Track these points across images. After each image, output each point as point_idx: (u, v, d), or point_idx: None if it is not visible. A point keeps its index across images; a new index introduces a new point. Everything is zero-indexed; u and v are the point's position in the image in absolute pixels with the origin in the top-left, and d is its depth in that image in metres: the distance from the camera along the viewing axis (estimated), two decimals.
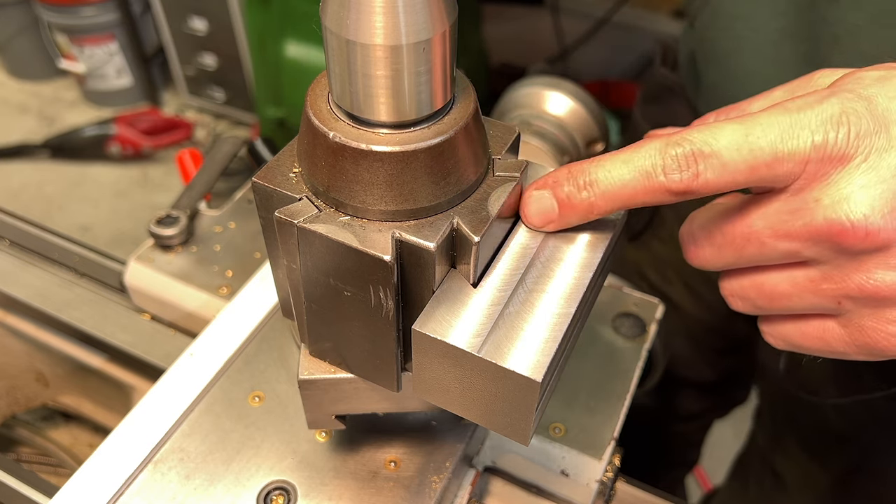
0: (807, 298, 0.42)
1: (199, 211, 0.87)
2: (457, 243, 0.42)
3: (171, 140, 2.85)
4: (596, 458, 0.62)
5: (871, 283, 0.39)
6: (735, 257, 0.43)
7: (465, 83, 0.43)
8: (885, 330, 0.40)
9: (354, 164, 0.39)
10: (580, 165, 0.42)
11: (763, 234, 0.41)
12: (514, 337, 0.40)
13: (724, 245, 0.43)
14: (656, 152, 0.39)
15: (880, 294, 0.39)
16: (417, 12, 0.35)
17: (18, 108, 3.18)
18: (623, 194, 0.40)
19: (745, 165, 0.38)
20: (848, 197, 0.37)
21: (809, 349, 0.45)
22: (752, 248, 0.42)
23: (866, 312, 0.40)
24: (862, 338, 0.41)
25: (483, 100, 0.45)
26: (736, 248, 0.43)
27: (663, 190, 0.40)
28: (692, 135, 0.39)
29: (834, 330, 0.43)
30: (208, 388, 0.62)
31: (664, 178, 0.39)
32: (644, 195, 0.40)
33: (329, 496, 0.55)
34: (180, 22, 2.77)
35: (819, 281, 0.41)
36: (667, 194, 0.40)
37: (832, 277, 0.40)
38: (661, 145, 0.39)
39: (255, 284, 0.72)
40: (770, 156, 0.38)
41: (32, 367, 0.94)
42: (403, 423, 0.59)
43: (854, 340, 0.42)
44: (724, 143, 0.38)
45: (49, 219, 2.63)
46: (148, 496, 0.55)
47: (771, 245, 0.41)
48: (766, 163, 0.38)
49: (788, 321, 0.45)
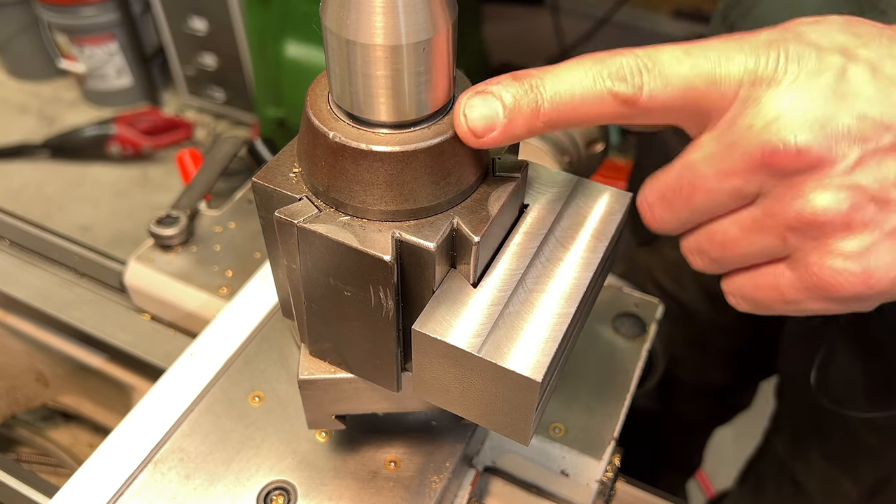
0: (754, 240, 0.41)
1: (199, 211, 0.87)
2: (457, 243, 0.42)
3: (171, 140, 2.85)
4: (596, 458, 0.62)
5: (808, 208, 0.38)
6: (688, 211, 0.43)
7: (465, 83, 0.43)
8: (829, 265, 0.39)
9: (354, 164, 0.39)
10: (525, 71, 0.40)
11: (708, 178, 0.40)
12: (514, 337, 0.40)
13: (675, 199, 0.43)
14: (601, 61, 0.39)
15: (818, 220, 0.38)
16: (417, 12, 0.35)
17: (18, 108, 3.17)
18: (571, 101, 0.39)
19: (684, 82, 0.38)
20: (778, 117, 0.37)
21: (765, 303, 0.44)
22: (700, 196, 0.41)
23: (810, 247, 0.39)
24: (810, 278, 0.40)
25: None
26: (686, 198, 0.42)
27: (610, 96, 0.38)
28: (636, 49, 0.39)
29: (785, 275, 0.42)
30: (208, 388, 0.62)
31: (611, 84, 0.38)
32: (591, 103, 0.39)
33: (329, 496, 0.55)
34: (180, 22, 2.77)
35: (762, 218, 0.40)
36: (613, 102, 0.39)
37: (772, 211, 0.39)
38: (607, 55, 0.39)
39: (255, 284, 0.72)
40: (708, 73, 0.38)
41: (32, 367, 0.94)
42: (403, 423, 0.59)
43: (804, 283, 0.40)
44: (666, 58, 0.38)
45: (49, 219, 2.63)
46: (148, 496, 0.55)
47: (717, 187, 0.40)
48: (704, 81, 0.38)
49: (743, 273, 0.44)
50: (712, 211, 0.42)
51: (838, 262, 0.38)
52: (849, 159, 0.37)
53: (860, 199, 0.37)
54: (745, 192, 0.40)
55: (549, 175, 0.49)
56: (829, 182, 0.37)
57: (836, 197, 0.37)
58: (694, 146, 0.41)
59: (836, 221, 0.38)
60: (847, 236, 0.38)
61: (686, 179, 0.41)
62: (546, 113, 0.39)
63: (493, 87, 0.39)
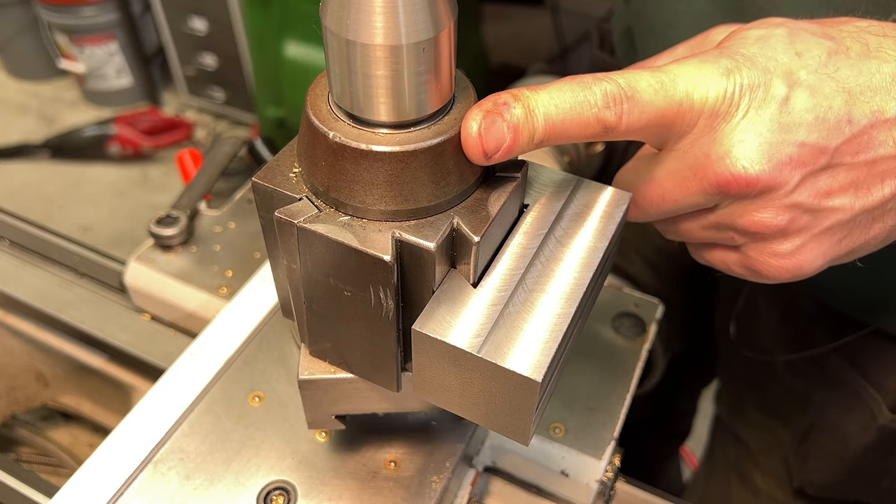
0: (709, 234, 0.49)
1: (199, 211, 0.87)
2: (457, 243, 0.42)
3: (171, 140, 2.85)
4: (596, 458, 0.62)
5: (754, 222, 0.45)
6: (658, 214, 0.50)
7: (465, 83, 0.43)
8: (767, 261, 0.47)
9: (354, 164, 0.39)
10: (521, 91, 0.43)
11: (674, 193, 0.47)
12: (514, 337, 0.40)
13: (647, 206, 0.50)
14: (588, 88, 0.42)
15: (760, 231, 0.45)
16: (417, 12, 0.35)
17: (18, 108, 3.17)
18: (562, 122, 0.42)
19: (657, 111, 0.43)
20: (729, 152, 0.43)
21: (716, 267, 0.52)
22: (667, 206, 0.48)
23: (752, 245, 0.47)
24: (750, 264, 0.48)
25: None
26: (656, 207, 0.49)
27: (595, 120, 0.42)
28: (616, 76, 0.43)
29: (731, 257, 0.50)
30: (208, 388, 0.62)
31: (597, 111, 0.42)
32: (577, 127, 0.43)
33: (329, 496, 0.55)
34: (180, 22, 2.77)
35: (715, 221, 0.48)
36: (598, 127, 0.43)
37: (725, 220, 0.47)
38: (591, 80, 0.43)
39: (255, 284, 0.72)
40: (677, 104, 0.43)
41: (32, 367, 0.94)
42: (403, 423, 0.59)
43: (744, 265, 0.49)
44: (643, 87, 0.43)
45: (49, 219, 2.63)
46: (148, 496, 0.55)
47: (682, 201, 0.47)
48: (673, 111, 0.43)
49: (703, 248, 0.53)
50: (678, 213, 0.50)
51: (774, 259, 0.47)
52: (790, 184, 0.43)
53: (797, 213, 0.44)
54: (704, 205, 0.47)
55: (549, 175, 0.49)
56: (773, 203, 0.44)
57: (777, 214, 0.44)
58: (658, 162, 0.48)
59: (776, 231, 0.45)
60: (783, 241, 0.46)
61: (656, 192, 0.48)
62: (539, 136, 0.43)
63: (502, 108, 0.42)
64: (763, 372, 0.96)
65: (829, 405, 0.86)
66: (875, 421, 0.80)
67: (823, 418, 0.87)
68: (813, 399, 0.88)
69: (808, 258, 0.46)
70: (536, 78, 0.97)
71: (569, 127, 0.43)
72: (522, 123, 0.42)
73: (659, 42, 0.77)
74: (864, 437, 0.83)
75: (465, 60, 2.34)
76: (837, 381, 0.84)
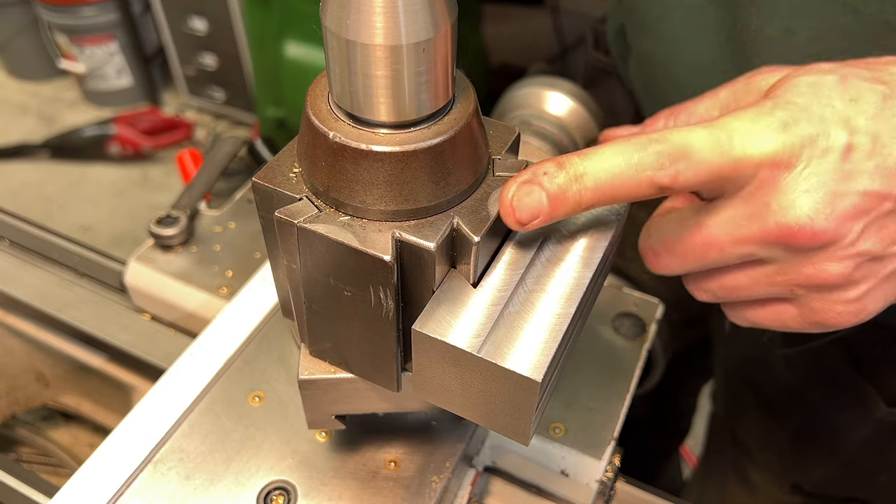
0: (763, 289, 0.47)
1: (199, 211, 0.87)
2: (457, 243, 0.42)
3: (171, 140, 2.85)
4: (596, 458, 0.62)
5: (820, 273, 0.44)
6: (698, 264, 0.48)
7: (465, 83, 0.43)
8: (832, 309, 0.46)
9: (354, 164, 0.39)
10: (569, 158, 0.43)
11: (722, 241, 0.45)
12: (514, 337, 0.40)
13: (687, 254, 0.47)
14: (642, 149, 0.42)
15: (828, 282, 0.44)
16: (417, 12, 0.35)
17: (18, 108, 3.17)
18: (612, 187, 0.42)
19: (711, 168, 0.42)
20: (794, 202, 0.42)
21: (767, 326, 0.50)
22: (712, 255, 0.46)
23: (816, 296, 0.46)
24: (813, 317, 0.47)
25: (483, 100, 0.45)
26: (698, 256, 0.47)
27: (649, 184, 0.42)
28: (671, 136, 0.42)
29: (788, 311, 0.48)
30: (208, 388, 0.62)
31: (651, 174, 0.42)
32: (628, 190, 0.42)
33: (329, 496, 0.55)
34: (180, 22, 2.77)
35: (774, 275, 0.46)
36: (650, 189, 0.42)
37: (785, 272, 0.45)
38: (645, 142, 0.42)
39: (255, 284, 0.72)
40: (733, 160, 0.42)
41: (32, 367, 0.94)
42: (403, 423, 0.59)
43: (806, 319, 0.47)
44: (698, 146, 0.42)
45: (49, 219, 2.63)
46: (148, 496, 0.55)
47: (730, 250, 0.45)
48: (730, 166, 0.42)
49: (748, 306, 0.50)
50: (721, 265, 0.47)
51: (840, 307, 0.45)
52: (854, 233, 0.42)
53: (862, 261, 0.43)
54: (756, 256, 0.45)
55: None
56: (838, 254, 0.43)
57: (843, 265, 0.43)
58: (710, 211, 0.46)
59: (842, 281, 0.44)
60: (850, 288, 0.44)
61: (700, 240, 0.46)
62: (587, 201, 0.42)
63: (541, 178, 0.42)
64: (759, 368, 0.96)
65: (826, 400, 0.86)
66: (871, 415, 0.80)
67: (820, 413, 0.87)
68: (809, 394, 0.88)
69: (872, 302, 0.45)
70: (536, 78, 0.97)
71: (620, 190, 0.42)
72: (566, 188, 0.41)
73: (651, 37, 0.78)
74: (860, 432, 0.83)
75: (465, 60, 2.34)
76: (833, 376, 0.84)
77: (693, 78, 0.72)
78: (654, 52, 0.78)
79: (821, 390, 0.86)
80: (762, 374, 0.96)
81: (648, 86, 0.82)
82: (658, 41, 0.76)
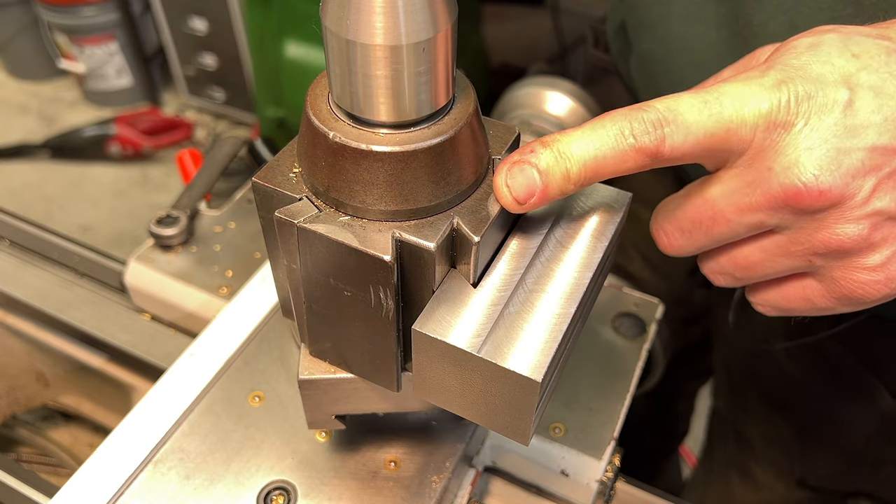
0: (780, 262, 0.44)
1: (199, 211, 0.87)
2: (457, 243, 0.42)
3: (171, 140, 2.85)
4: (596, 458, 0.62)
5: (834, 237, 0.41)
6: (706, 239, 0.46)
7: (465, 83, 0.43)
8: (856, 278, 0.43)
9: (354, 164, 0.39)
10: (552, 136, 0.42)
11: (727, 212, 0.43)
12: (514, 337, 0.40)
13: (693, 230, 0.46)
14: (623, 118, 0.41)
15: (844, 246, 0.41)
16: (417, 12, 0.35)
17: (18, 108, 3.17)
18: (597, 159, 0.41)
19: (703, 131, 0.40)
20: (797, 161, 0.40)
21: (797, 310, 0.47)
22: (720, 228, 0.44)
23: (836, 265, 0.43)
24: (838, 289, 0.44)
25: (483, 100, 0.45)
26: (705, 230, 0.45)
27: (633, 151, 0.41)
28: (655, 103, 0.41)
29: (813, 286, 0.45)
30: (208, 388, 0.62)
31: (633, 140, 0.40)
32: (615, 160, 0.41)
33: (329, 496, 0.55)
34: (180, 22, 2.77)
35: (787, 245, 0.43)
36: (636, 156, 0.41)
37: (798, 239, 0.43)
38: (627, 111, 0.41)
39: (255, 284, 0.72)
40: (726, 121, 0.40)
41: (32, 367, 0.94)
42: (403, 423, 0.59)
43: (832, 293, 0.44)
44: (684, 108, 0.41)
45: (49, 219, 2.63)
46: (148, 496, 0.55)
47: (736, 221, 0.43)
48: (722, 129, 0.40)
49: (771, 287, 0.48)
50: (731, 239, 0.45)
51: (863, 275, 0.42)
52: (865, 190, 0.40)
53: (879, 220, 0.41)
54: (765, 225, 0.43)
55: None
56: (850, 214, 0.40)
57: (857, 226, 0.41)
58: (712, 182, 0.44)
59: (860, 244, 0.41)
60: (869, 253, 0.42)
61: (706, 213, 0.44)
62: (575, 175, 0.42)
63: (528, 155, 0.41)
64: (762, 362, 0.96)
65: (830, 393, 0.86)
66: (876, 407, 0.80)
67: (824, 407, 0.87)
68: (813, 388, 0.87)
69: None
70: (536, 78, 0.97)
71: (607, 161, 0.41)
72: (553, 165, 0.41)
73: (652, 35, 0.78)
74: (865, 424, 0.82)
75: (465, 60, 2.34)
76: (837, 369, 0.83)
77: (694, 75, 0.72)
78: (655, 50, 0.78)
79: (825, 384, 0.85)
80: (765, 369, 0.96)
81: (649, 84, 0.81)
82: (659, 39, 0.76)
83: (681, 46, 0.73)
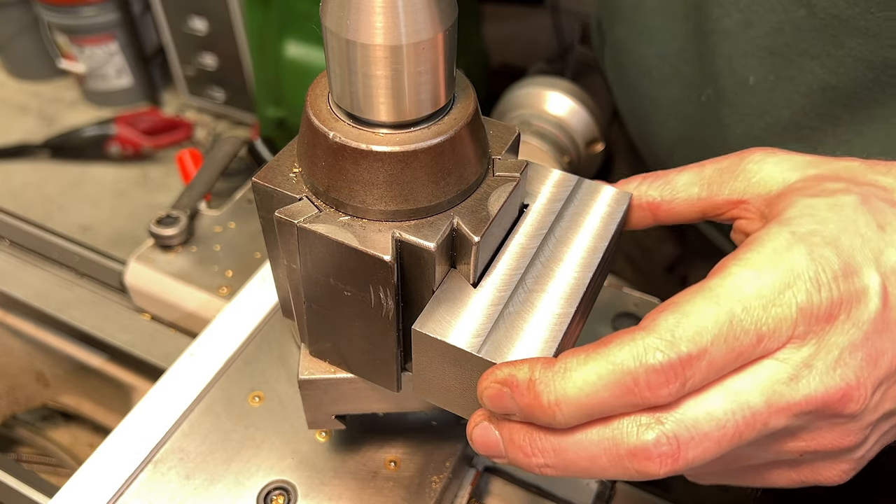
0: (770, 457, 0.40)
1: (199, 211, 0.88)
2: (457, 243, 0.42)
3: (171, 140, 2.85)
4: None
5: (842, 440, 0.37)
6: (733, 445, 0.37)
7: (465, 83, 0.43)
8: (837, 468, 0.40)
9: (354, 164, 0.39)
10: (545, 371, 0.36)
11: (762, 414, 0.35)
12: (514, 337, 0.40)
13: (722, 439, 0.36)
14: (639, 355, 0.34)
15: (843, 446, 0.38)
16: (417, 12, 0.35)
17: (18, 108, 3.17)
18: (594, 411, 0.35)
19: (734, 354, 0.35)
20: (839, 359, 0.35)
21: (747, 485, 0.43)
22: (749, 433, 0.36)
23: (823, 461, 0.39)
24: (812, 477, 0.40)
25: (483, 100, 0.45)
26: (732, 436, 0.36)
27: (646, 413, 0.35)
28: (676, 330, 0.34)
29: (782, 474, 0.41)
30: (208, 388, 0.62)
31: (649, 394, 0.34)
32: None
33: (329, 496, 0.55)
34: (180, 22, 2.77)
35: (785, 442, 0.38)
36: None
37: (803, 438, 0.38)
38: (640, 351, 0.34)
39: (255, 284, 0.72)
40: (756, 334, 0.35)
41: (32, 367, 0.94)
42: (403, 423, 0.59)
43: (801, 478, 0.41)
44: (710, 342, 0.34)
45: (49, 219, 2.63)
46: (148, 496, 0.55)
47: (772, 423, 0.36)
48: (753, 341, 0.35)
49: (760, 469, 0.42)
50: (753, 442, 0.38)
51: (844, 465, 0.39)
52: (878, 394, 0.37)
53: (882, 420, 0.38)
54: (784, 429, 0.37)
55: (549, 175, 0.49)
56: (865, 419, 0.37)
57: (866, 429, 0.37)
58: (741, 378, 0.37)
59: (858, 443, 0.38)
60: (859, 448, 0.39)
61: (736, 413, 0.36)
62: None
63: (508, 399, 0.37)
64: None
65: None
66: None
67: None
68: None
69: (872, 453, 0.40)
70: (536, 78, 0.97)
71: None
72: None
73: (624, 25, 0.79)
74: None
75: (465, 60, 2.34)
76: None
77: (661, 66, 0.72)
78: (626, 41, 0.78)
79: None
80: None
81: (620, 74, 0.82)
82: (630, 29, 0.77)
83: (650, 38, 0.74)
